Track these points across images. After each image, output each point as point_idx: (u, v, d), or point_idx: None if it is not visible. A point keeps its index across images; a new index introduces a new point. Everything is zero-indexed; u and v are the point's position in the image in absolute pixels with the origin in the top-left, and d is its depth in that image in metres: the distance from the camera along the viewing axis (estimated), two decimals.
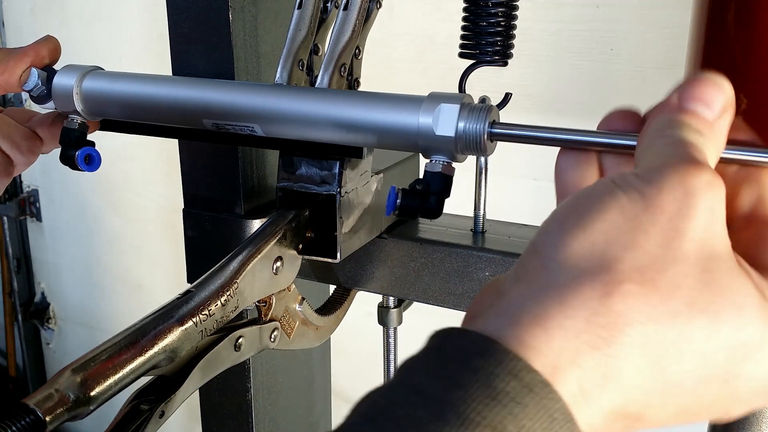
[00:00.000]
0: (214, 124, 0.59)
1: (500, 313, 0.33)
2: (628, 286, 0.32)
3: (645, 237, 0.33)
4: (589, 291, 0.32)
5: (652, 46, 1.23)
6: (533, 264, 0.34)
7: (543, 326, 0.31)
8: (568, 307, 0.32)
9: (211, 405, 0.82)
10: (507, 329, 0.32)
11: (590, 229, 0.33)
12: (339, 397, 1.08)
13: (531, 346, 0.31)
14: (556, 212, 0.36)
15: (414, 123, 0.51)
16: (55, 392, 0.44)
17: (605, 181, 0.35)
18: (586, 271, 0.32)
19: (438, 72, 1.45)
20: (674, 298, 0.32)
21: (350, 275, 0.72)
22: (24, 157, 0.66)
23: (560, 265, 0.33)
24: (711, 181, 0.34)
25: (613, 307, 0.31)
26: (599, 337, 0.31)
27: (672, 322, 0.32)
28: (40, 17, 2.16)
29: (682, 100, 0.37)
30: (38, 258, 2.54)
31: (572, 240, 0.33)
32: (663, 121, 0.37)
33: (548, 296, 0.32)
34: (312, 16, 0.61)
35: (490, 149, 0.51)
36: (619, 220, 0.33)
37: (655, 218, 0.33)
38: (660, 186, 0.33)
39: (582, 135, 0.43)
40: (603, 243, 0.33)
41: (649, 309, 0.32)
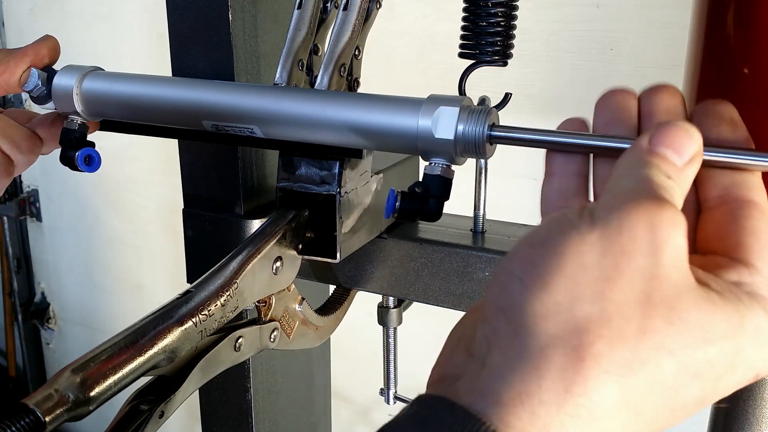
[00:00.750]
0: (214, 125, 0.59)
1: (481, 389, 0.33)
2: (598, 346, 0.32)
3: (609, 286, 0.32)
4: (562, 360, 0.32)
5: (652, 46, 1.23)
6: (503, 328, 0.34)
7: (524, 404, 0.31)
8: (546, 380, 0.32)
9: (211, 405, 0.82)
10: (491, 409, 0.32)
11: (553, 288, 0.33)
12: (339, 397, 1.08)
13: (517, 428, 0.31)
14: (513, 264, 0.35)
15: (413, 126, 0.51)
16: (55, 392, 0.44)
17: (560, 222, 0.35)
18: (556, 338, 0.32)
19: (438, 72, 1.45)
20: (642, 344, 0.32)
21: (350, 275, 0.72)
22: (24, 158, 0.66)
23: (530, 331, 0.33)
24: (673, 217, 0.33)
25: (586, 372, 0.32)
26: (581, 406, 0.31)
27: (643, 369, 0.32)
28: (40, 17, 2.16)
29: (653, 143, 0.37)
30: (38, 258, 2.54)
31: (537, 302, 0.33)
32: (632, 159, 0.37)
33: (525, 369, 0.32)
34: (312, 16, 0.61)
35: (490, 152, 0.51)
36: (580, 273, 0.33)
37: (616, 263, 0.33)
38: (619, 226, 0.33)
39: (581, 138, 0.43)
40: (568, 303, 0.33)
41: (621, 364, 0.32)
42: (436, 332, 1.56)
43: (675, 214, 0.33)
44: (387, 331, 0.81)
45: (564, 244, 0.33)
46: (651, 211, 0.33)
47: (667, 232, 0.33)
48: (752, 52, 0.44)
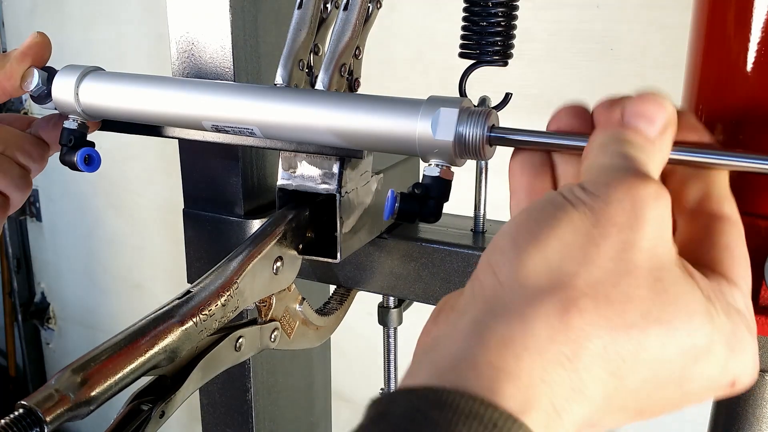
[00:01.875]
0: (214, 125, 0.59)
1: (464, 334, 0.33)
2: (583, 301, 0.33)
3: (597, 251, 0.34)
4: (547, 309, 0.33)
5: (652, 46, 1.23)
6: (489, 280, 0.35)
7: (509, 348, 0.32)
8: (530, 326, 0.32)
9: (211, 405, 0.82)
10: (477, 350, 0.32)
11: (544, 246, 0.34)
12: (339, 397, 1.08)
13: (502, 368, 0.31)
14: (508, 228, 0.36)
15: (412, 127, 0.51)
16: (55, 392, 0.44)
17: (555, 196, 0.36)
18: (543, 290, 0.33)
19: (438, 72, 1.45)
20: (628, 309, 0.33)
21: (350, 275, 0.72)
22: (37, 165, 0.67)
23: (517, 283, 0.34)
24: (657, 191, 0.35)
25: (571, 323, 0.32)
26: (562, 354, 0.32)
27: (628, 333, 0.33)
28: (40, 18, 2.16)
29: (625, 116, 0.38)
30: (38, 258, 2.54)
31: (528, 258, 0.34)
32: (607, 136, 0.38)
33: (511, 316, 0.33)
34: (312, 16, 0.61)
35: (490, 154, 0.51)
36: (572, 237, 0.34)
37: (605, 232, 0.34)
38: (608, 199, 0.34)
39: (580, 139, 0.43)
40: (557, 260, 0.34)
41: (605, 322, 0.33)
42: None
43: (659, 188, 0.35)
44: (387, 331, 0.81)
45: (558, 212, 0.35)
46: (637, 187, 0.34)
47: (652, 206, 0.34)
48: (752, 52, 0.44)
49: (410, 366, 0.35)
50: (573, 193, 0.35)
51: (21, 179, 0.65)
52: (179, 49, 0.70)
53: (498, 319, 0.33)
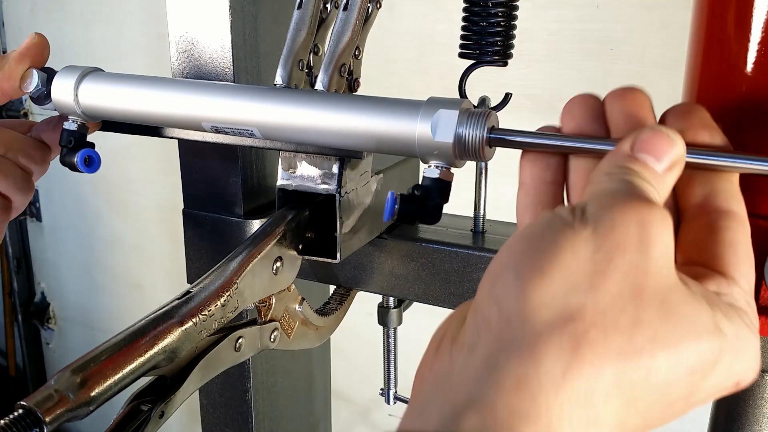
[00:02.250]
0: (213, 127, 0.59)
1: (476, 376, 0.33)
2: (593, 333, 0.32)
3: (602, 278, 0.33)
4: (558, 344, 0.32)
5: (652, 46, 1.23)
6: (495, 316, 0.34)
7: (524, 388, 0.32)
8: (543, 364, 0.32)
9: (211, 405, 0.82)
10: (492, 392, 0.32)
11: (549, 278, 0.33)
12: (339, 397, 1.08)
13: (519, 412, 0.31)
14: (508, 257, 0.35)
15: (412, 129, 0.51)
16: (55, 392, 0.44)
17: (554, 220, 0.35)
18: (552, 325, 0.33)
19: (438, 72, 1.45)
20: (637, 334, 0.33)
21: (350, 275, 0.72)
22: (39, 167, 0.67)
23: (525, 318, 0.33)
24: (663, 216, 0.34)
25: (584, 357, 0.32)
26: (578, 391, 0.32)
27: (638, 359, 0.33)
28: (40, 17, 2.16)
29: (635, 147, 0.38)
30: (38, 258, 2.54)
31: (533, 292, 0.33)
32: (614, 165, 0.38)
33: (522, 355, 0.32)
34: (312, 16, 0.61)
35: (489, 155, 0.51)
36: (575, 265, 0.34)
37: (608, 257, 0.33)
38: (612, 222, 0.34)
39: (580, 141, 0.43)
40: (563, 292, 0.33)
41: (615, 351, 0.32)
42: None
43: (664, 214, 0.35)
44: (387, 331, 0.81)
45: (559, 239, 0.34)
46: (642, 209, 0.34)
47: (657, 229, 0.34)
48: (752, 52, 0.44)
49: (415, 401, 0.35)
50: (573, 216, 0.35)
51: (23, 182, 0.65)
52: (179, 49, 0.70)
53: (510, 358, 0.32)
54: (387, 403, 0.85)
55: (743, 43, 0.44)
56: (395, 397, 0.84)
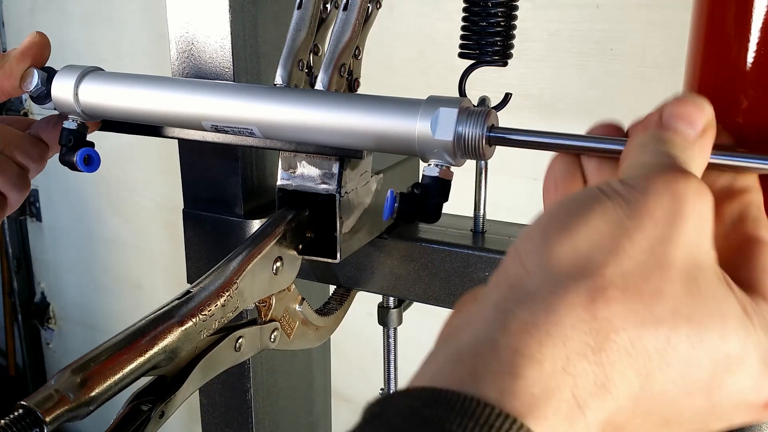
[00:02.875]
0: (213, 126, 0.59)
1: (486, 318, 0.32)
2: (611, 291, 0.31)
3: (630, 242, 0.32)
4: (573, 297, 0.31)
5: (652, 46, 1.23)
6: (515, 268, 0.34)
7: (532, 334, 0.31)
8: (554, 313, 0.31)
9: (211, 405, 0.82)
10: (498, 334, 0.31)
11: (574, 234, 0.33)
12: (339, 397, 1.08)
13: (523, 353, 0.30)
14: (539, 218, 0.35)
15: (412, 127, 0.51)
16: (55, 392, 0.44)
17: (590, 189, 0.35)
18: (570, 277, 0.32)
19: (438, 72, 1.45)
20: (658, 304, 0.32)
21: (350, 275, 0.72)
22: (36, 165, 0.67)
23: (544, 269, 0.33)
24: (699, 187, 0.33)
25: (598, 313, 0.31)
26: (586, 345, 0.31)
27: (656, 329, 0.31)
28: (40, 17, 2.16)
29: (664, 117, 0.38)
30: (38, 258, 2.54)
31: (555, 245, 0.33)
32: (647, 136, 0.37)
33: (534, 303, 0.32)
34: (312, 16, 0.61)
35: (489, 153, 0.51)
36: (603, 226, 0.33)
37: (640, 224, 0.33)
38: (646, 192, 0.33)
39: (580, 140, 0.43)
40: (586, 248, 0.33)
41: (633, 315, 0.31)
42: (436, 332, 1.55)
43: (701, 186, 0.33)
44: (387, 331, 0.81)
45: (591, 202, 0.34)
46: (677, 180, 0.33)
47: (693, 201, 0.33)
48: (752, 52, 0.44)
49: (429, 353, 0.34)
50: (610, 185, 0.34)
51: (19, 179, 0.65)
52: (179, 49, 0.70)
53: (521, 305, 0.32)
54: None
55: (743, 43, 0.44)
56: None
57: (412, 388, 0.30)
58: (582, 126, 0.45)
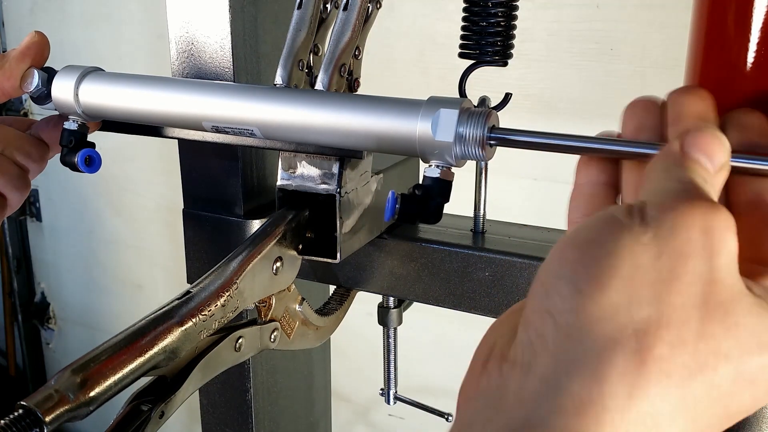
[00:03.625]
0: (214, 126, 0.59)
1: (535, 397, 0.31)
2: (659, 350, 0.31)
3: (666, 289, 0.31)
4: (623, 363, 0.30)
5: (652, 46, 1.23)
6: (550, 332, 0.32)
7: (588, 411, 0.30)
8: (607, 384, 0.30)
9: (211, 405, 0.82)
10: (552, 418, 0.30)
11: (608, 289, 0.31)
12: (339, 397, 1.08)
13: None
14: (561, 266, 0.33)
15: (413, 128, 0.51)
16: (55, 392, 0.44)
17: (608, 222, 0.33)
18: (615, 341, 0.31)
19: (438, 72, 1.45)
20: (701, 350, 0.31)
21: (350, 275, 0.72)
22: (37, 165, 0.67)
23: (585, 334, 0.31)
24: (728, 220, 0.32)
25: (650, 377, 0.30)
26: (645, 413, 0.30)
27: (702, 374, 0.31)
28: (40, 17, 2.16)
29: (686, 146, 0.36)
30: (38, 258, 2.54)
31: (592, 304, 0.31)
32: (667, 162, 0.36)
33: (584, 374, 0.30)
34: (312, 16, 0.61)
35: (490, 154, 0.51)
36: (636, 274, 0.31)
37: (671, 265, 0.31)
38: (673, 227, 0.32)
39: (580, 141, 0.43)
40: (625, 304, 0.31)
41: (681, 369, 0.31)
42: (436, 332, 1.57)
43: (729, 218, 0.33)
44: (387, 331, 0.81)
45: (617, 245, 0.32)
46: (706, 213, 0.32)
47: (722, 235, 0.32)
48: (752, 52, 0.44)
49: (461, 421, 0.33)
50: (631, 218, 0.33)
51: (19, 179, 0.65)
52: (179, 49, 0.70)
53: (571, 377, 0.30)
54: (387, 403, 0.85)
55: (743, 43, 0.44)
56: (395, 397, 0.84)
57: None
58: (582, 126, 0.45)
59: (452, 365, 1.62)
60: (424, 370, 1.56)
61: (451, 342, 1.54)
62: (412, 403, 0.85)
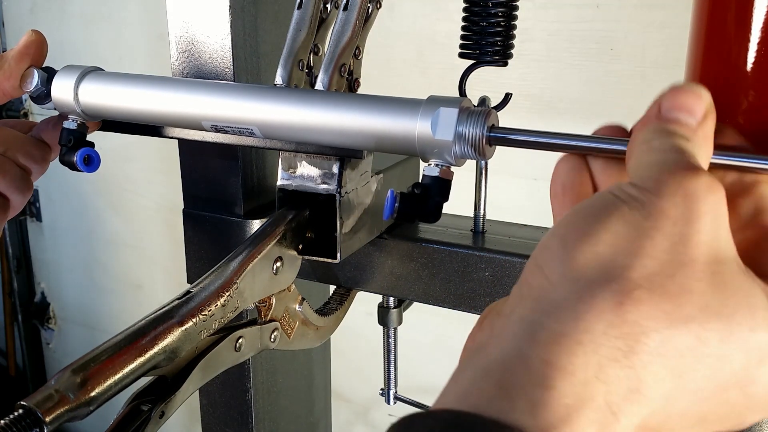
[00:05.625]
0: (214, 126, 0.59)
1: (513, 332, 0.32)
2: (639, 293, 0.31)
3: (651, 243, 0.32)
4: (601, 302, 0.31)
5: (652, 46, 1.23)
6: (537, 280, 0.34)
7: (561, 345, 0.30)
8: (583, 321, 0.31)
9: (211, 405, 0.82)
10: (527, 347, 0.31)
11: (594, 240, 0.33)
12: (339, 397, 1.08)
13: (554, 364, 0.30)
14: (556, 228, 0.35)
15: (412, 127, 0.51)
16: (55, 392, 0.44)
17: (604, 194, 0.35)
18: (595, 283, 0.32)
19: (438, 72, 1.45)
20: (686, 302, 0.31)
21: (350, 275, 0.72)
22: (39, 166, 0.67)
23: (568, 278, 0.32)
24: (710, 183, 0.33)
25: (627, 317, 0.31)
26: (618, 349, 0.30)
27: (686, 327, 0.31)
28: (40, 17, 2.16)
29: (663, 110, 0.37)
30: (38, 258, 2.54)
31: (577, 252, 0.33)
32: (649, 132, 0.37)
33: (562, 312, 0.31)
34: (312, 16, 0.61)
35: (489, 153, 0.51)
36: (623, 229, 0.33)
37: (658, 224, 0.32)
38: (659, 193, 0.33)
39: (580, 140, 0.43)
40: (609, 253, 0.32)
41: (662, 315, 0.31)
42: (436, 332, 1.57)
43: (711, 180, 0.33)
44: (387, 331, 0.81)
45: (608, 207, 0.34)
46: (687, 178, 0.33)
47: (705, 197, 0.33)
48: (752, 52, 0.44)
49: (455, 371, 0.34)
50: (622, 189, 0.34)
51: (21, 181, 0.65)
52: (179, 49, 0.70)
53: (549, 316, 0.32)
54: (387, 403, 0.85)
55: (743, 43, 0.44)
56: (395, 397, 0.84)
57: (435, 410, 0.30)
58: (582, 126, 0.45)
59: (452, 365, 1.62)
60: (424, 370, 1.56)
61: (451, 342, 1.54)
62: (412, 403, 0.85)
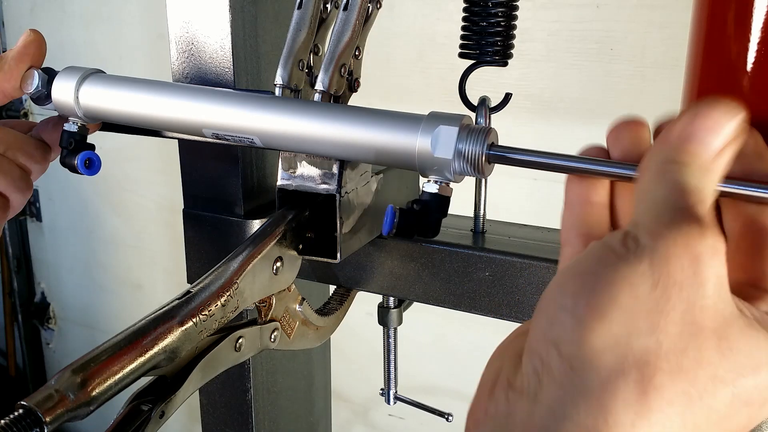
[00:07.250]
0: (214, 134, 0.59)
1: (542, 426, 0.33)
2: (659, 379, 0.32)
3: (663, 318, 0.32)
4: (626, 394, 0.32)
5: (652, 46, 1.23)
6: (555, 362, 0.34)
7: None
8: (611, 414, 0.31)
9: (211, 405, 0.82)
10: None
11: (608, 320, 0.33)
12: (339, 397, 1.08)
13: None
14: (562, 296, 0.34)
15: (412, 143, 0.52)
16: (55, 392, 0.44)
17: (605, 252, 0.34)
18: (617, 371, 0.32)
19: (438, 72, 1.45)
20: (699, 376, 0.32)
21: (350, 275, 0.72)
22: (39, 166, 0.67)
23: (588, 365, 0.33)
24: (715, 245, 0.33)
25: (652, 405, 0.32)
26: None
27: (701, 400, 0.32)
28: (40, 17, 2.16)
29: (676, 138, 0.36)
30: (38, 258, 2.54)
31: (594, 336, 0.33)
32: (660, 159, 0.36)
33: (589, 404, 0.32)
34: (312, 16, 0.61)
35: (488, 171, 0.51)
36: (634, 304, 0.33)
37: (666, 294, 0.32)
38: (666, 254, 0.33)
39: (580, 162, 0.43)
40: (625, 335, 0.32)
41: (681, 397, 0.32)
42: (436, 332, 1.57)
43: (716, 242, 0.33)
44: (387, 331, 0.81)
45: (615, 276, 0.33)
46: (693, 240, 0.33)
47: (709, 262, 0.33)
48: (752, 52, 0.44)
49: None
50: (626, 248, 0.34)
51: (21, 181, 0.65)
52: (179, 49, 0.70)
53: (577, 407, 0.32)
54: (387, 403, 0.85)
55: (743, 43, 0.44)
56: (395, 397, 0.84)
57: None
58: (582, 126, 0.45)
59: (452, 365, 1.62)
60: (424, 370, 1.56)
61: (451, 342, 1.54)
62: (412, 403, 0.85)
